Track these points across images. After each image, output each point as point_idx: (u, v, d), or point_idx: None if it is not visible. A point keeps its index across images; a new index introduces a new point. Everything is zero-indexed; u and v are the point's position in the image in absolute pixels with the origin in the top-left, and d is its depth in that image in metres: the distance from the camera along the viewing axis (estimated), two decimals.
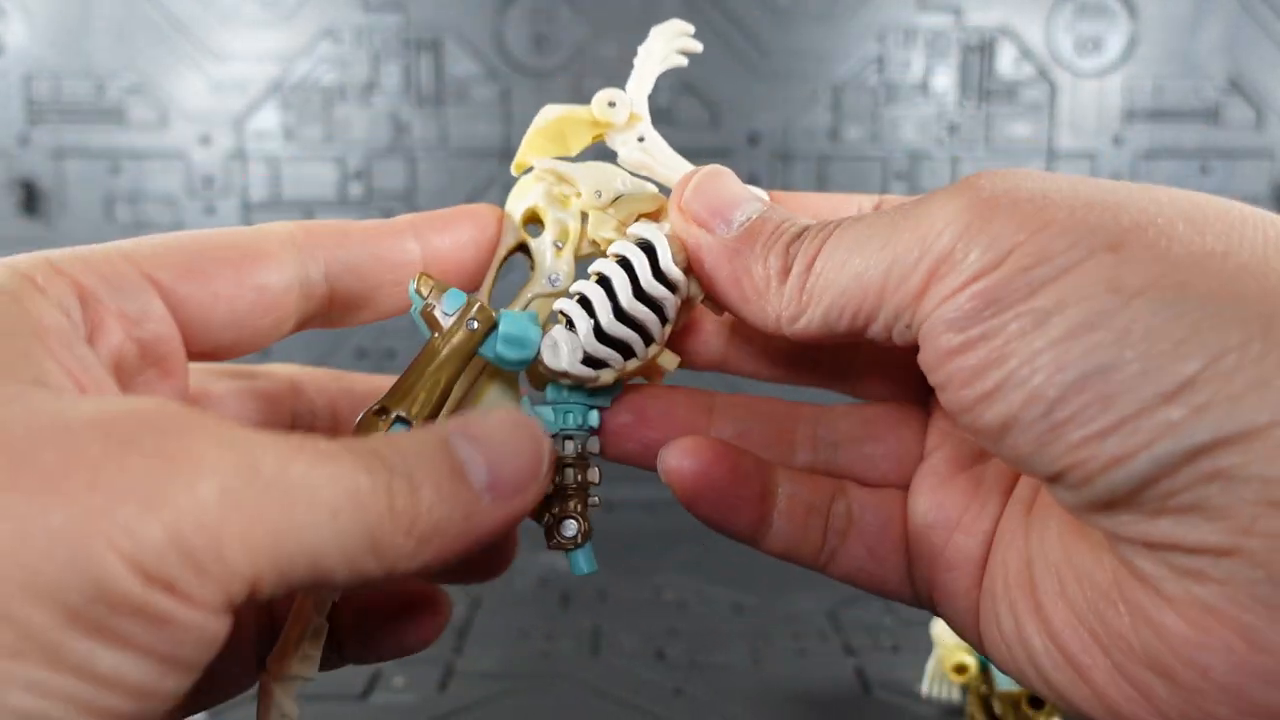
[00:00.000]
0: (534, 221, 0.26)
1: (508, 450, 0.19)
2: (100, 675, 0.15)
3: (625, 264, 0.24)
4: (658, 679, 0.49)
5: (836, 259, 0.21)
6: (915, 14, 0.75)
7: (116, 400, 0.18)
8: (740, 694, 0.47)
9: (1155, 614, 0.18)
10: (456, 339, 0.23)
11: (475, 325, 0.23)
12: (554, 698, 0.47)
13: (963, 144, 0.76)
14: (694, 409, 0.26)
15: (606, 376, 0.24)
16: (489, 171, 0.77)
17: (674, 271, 0.23)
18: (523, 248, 0.26)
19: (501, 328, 0.23)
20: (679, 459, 0.24)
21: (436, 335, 0.23)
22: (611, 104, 0.26)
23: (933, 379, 0.20)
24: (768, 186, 0.28)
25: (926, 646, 0.49)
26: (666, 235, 0.24)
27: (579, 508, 0.25)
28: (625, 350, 0.24)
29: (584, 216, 0.25)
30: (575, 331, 0.24)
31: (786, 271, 0.22)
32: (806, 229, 0.22)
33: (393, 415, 0.23)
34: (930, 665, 0.47)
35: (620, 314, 0.23)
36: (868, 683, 0.49)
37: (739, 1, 0.75)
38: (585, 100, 0.27)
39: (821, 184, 0.76)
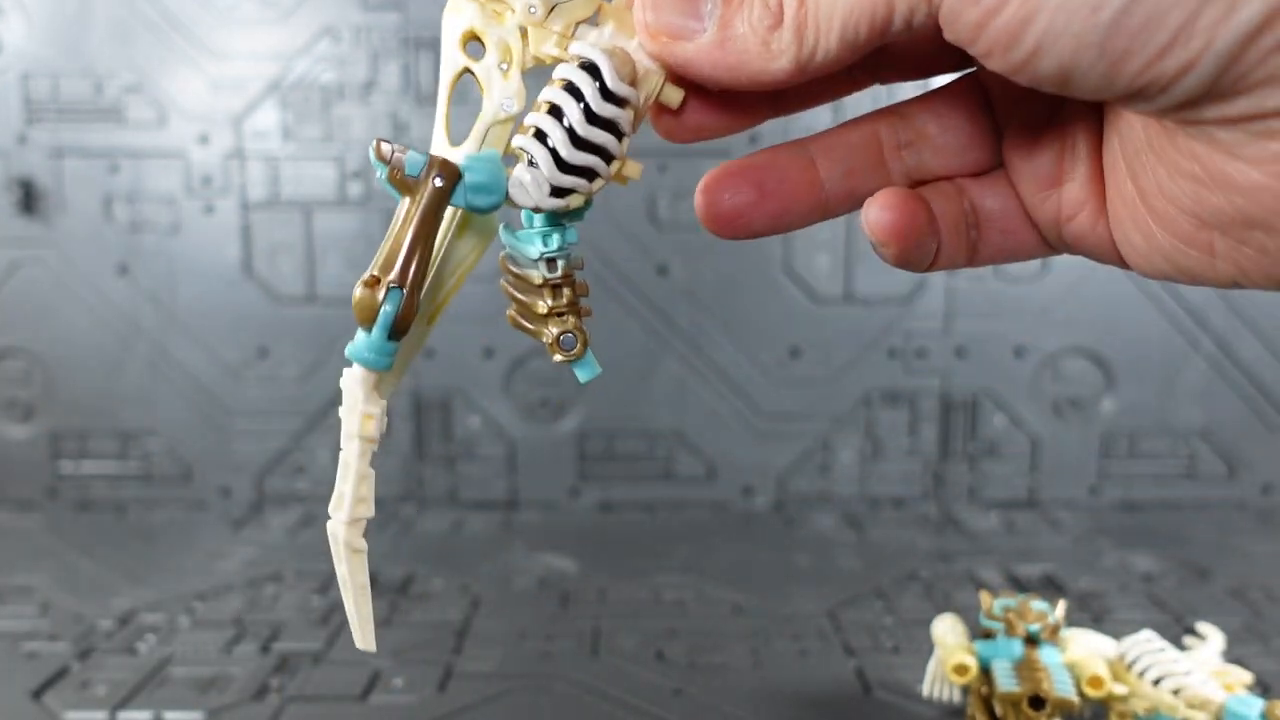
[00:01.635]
0: (473, 41, 0.26)
1: None
2: None
3: (572, 89, 0.24)
4: (657, 679, 0.49)
5: None
6: None
7: None
8: (740, 694, 0.47)
9: (1241, 178, 0.20)
10: (427, 199, 0.24)
11: (440, 182, 0.24)
12: (554, 698, 0.47)
13: None
14: (801, 166, 0.26)
15: (575, 201, 0.25)
16: None
17: (622, 88, 0.24)
18: (469, 71, 0.26)
19: (467, 178, 0.24)
20: (880, 213, 0.25)
21: (407, 199, 0.24)
22: None
23: (973, 51, 0.20)
24: None
25: (927, 647, 0.49)
26: (606, 49, 0.24)
27: (575, 322, 0.26)
28: (588, 174, 0.24)
29: (524, 33, 0.25)
30: (538, 166, 0.24)
31: (779, 22, 0.22)
32: None
33: (384, 282, 0.24)
34: (931, 666, 0.47)
35: (577, 140, 0.24)
36: (868, 683, 0.49)
37: None
38: None
39: None
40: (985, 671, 0.42)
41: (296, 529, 0.73)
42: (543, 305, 0.26)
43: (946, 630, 0.45)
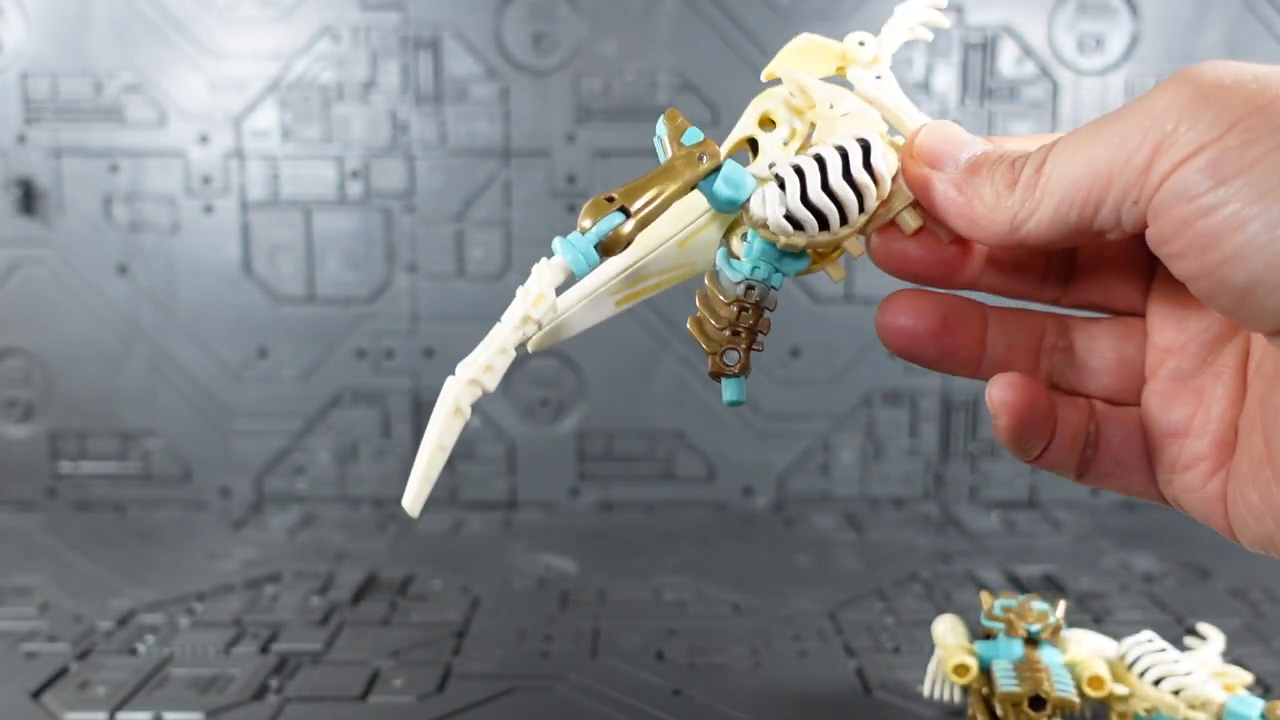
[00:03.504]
0: (766, 125, 0.28)
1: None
2: None
3: (840, 150, 0.26)
4: (657, 679, 0.49)
5: (1064, 156, 0.23)
6: None
7: None
8: (740, 694, 0.47)
9: None
10: (682, 163, 0.26)
11: (705, 160, 0.26)
12: (553, 698, 0.47)
13: None
14: (979, 321, 0.28)
15: (799, 239, 0.27)
16: (488, 170, 0.76)
17: (882, 167, 0.26)
18: (751, 143, 0.29)
19: (724, 169, 0.27)
20: (1003, 392, 0.27)
21: (670, 159, 0.26)
22: (861, 43, 0.29)
23: (1168, 250, 0.22)
24: None
25: (927, 648, 0.49)
26: (884, 139, 0.27)
27: (745, 345, 0.28)
28: (823, 220, 0.26)
29: (813, 127, 0.28)
30: (784, 190, 0.26)
31: (1014, 182, 0.24)
32: (1029, 153, 0.25)
33: (617, 203, 0.26)
34: (931, 666, 0.47)
35: (827, 186, 0.26)
36: (868, 683, 0.49)
37: (739, 1, 0.75)
38: (584, 101, 0.27)
39: None
40: (985, 672, 0.42)
41: (296, 529, 0.73)
42: (725, 318, 0.28)
43: (947, 630, 0.45)
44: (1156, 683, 0.40)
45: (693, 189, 0.27)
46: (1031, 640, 0.42)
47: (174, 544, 0.70)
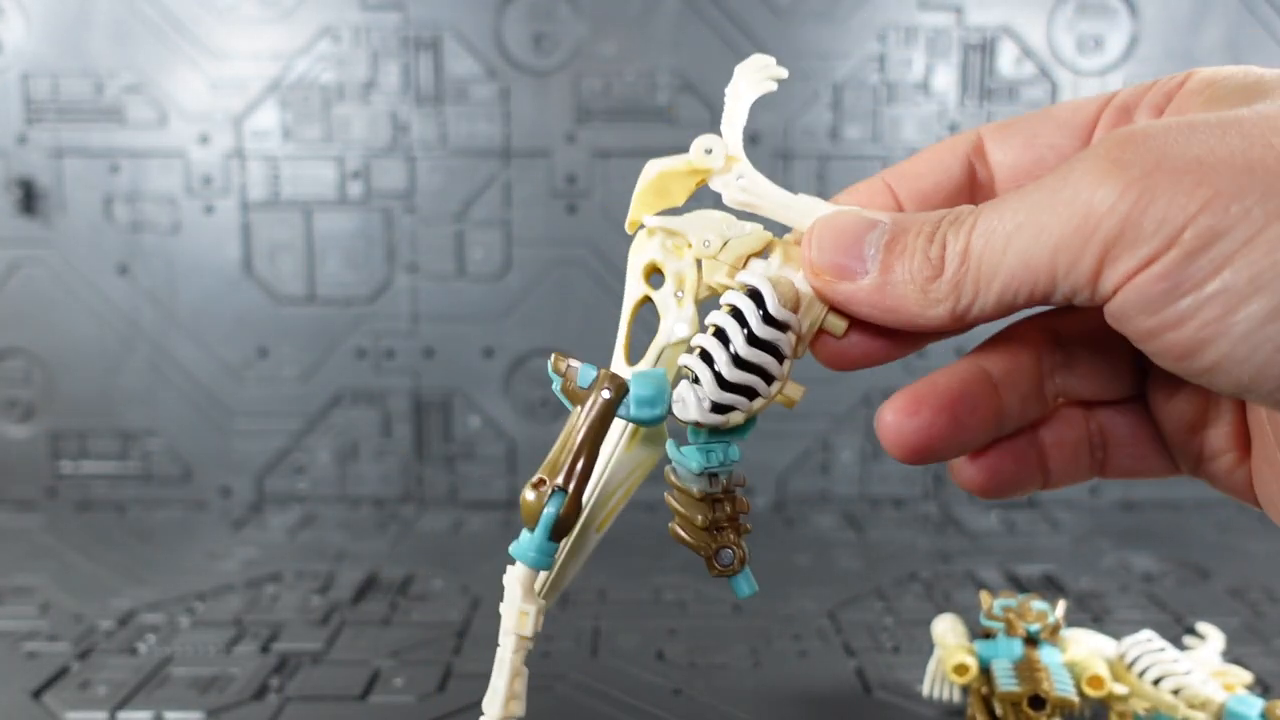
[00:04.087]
0: (655, 273, 0.28)
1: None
2: None
3: (736, 314, 0.26)
4: (657, 679, 0.49)
5: (995, 246, 0.21)
6: (916, 13, 0.75)
7: None
8: (740, 694, 0.47)
9: None
10: (595, 409, 0.26)
11: (608, 394, 0.26)
12: (554, 698, 0.47)
13: None
14: (988, 393, 0.26)
15: (736, 418, 0.26)
16: (489, 170, 0.77)
17: (783, 314, 0.25)
18: (649, 299, 0.28)
19: (633, 391, 0.26)
20: (974, 474, 0.26)
21: (578, 408, 0.26)
22: (708, 150, 0.27)
23: (1141, 348, 0.21)
24: None
25: (927, 647, 0.49)
26: (771, 279, 0.26)
27: (733, 536, 0.28)
28: (749, 393, 0.26)
29: (699, 264, 0.27)
30: (700, 384, 0.26)
31: (938, 275, 0.22)
32: (939, 224, 0.23)
33: (550, 485, 0.26)
34: (931, 666, 0.47)
35: (738, 361, 0.25)
36: (868, 683, 0.49)
37: (739, 1, 0.75)
38: (585, 101, 0.27)
39: (822, 183, 0.76)
40: (985, 671, 0.42)
41: (296, 529, 0.73)
42: (702, 519, 0.27)
43: (946, 630, 0.45)
44: (1156, 682, 0.40)
45: (611, 423, 0.26)
46: (1031, 640, 0.42)
47: (174, 544, 0.70)
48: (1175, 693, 0.40)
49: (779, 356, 0.26)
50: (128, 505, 0.78)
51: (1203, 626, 0.51)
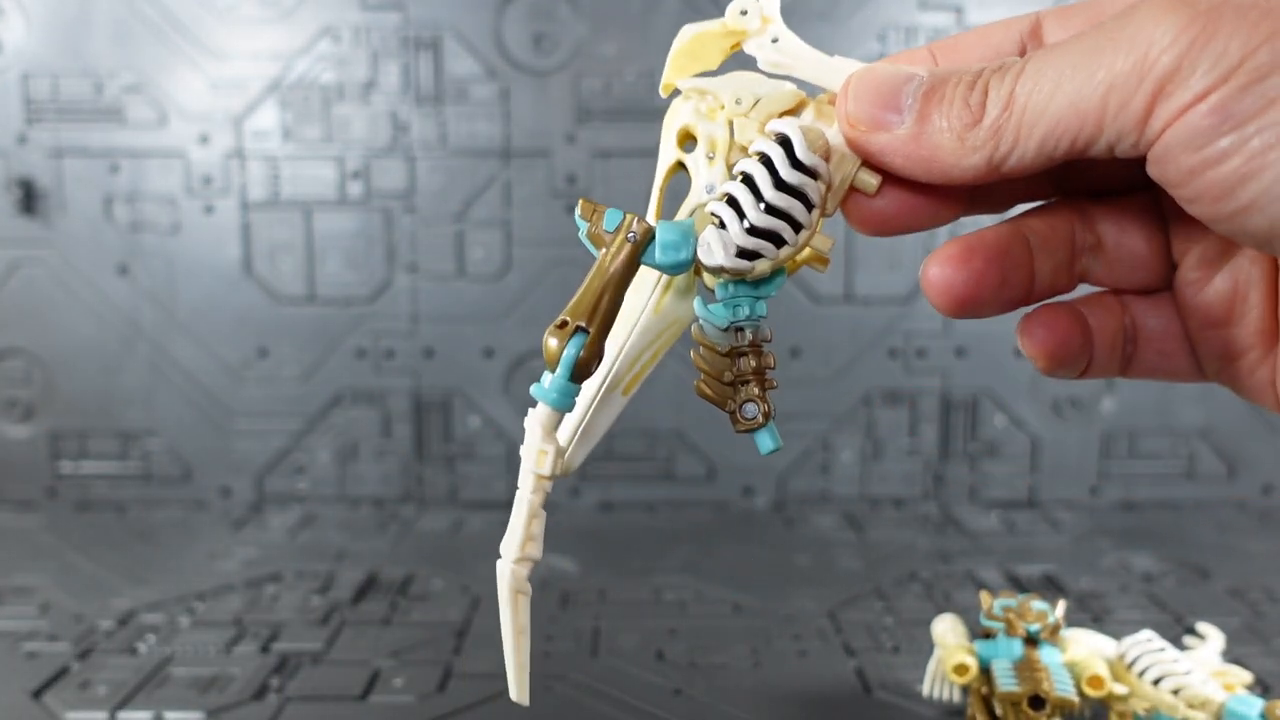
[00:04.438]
0: (689, 139, 0.27)
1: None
2: None
3: (765, 159, 0.25)
4: (657, 679, 0.49)
5: (1042, 89, 0.21)
6: (916, 13, 0.75)
7: None
8: (740, 694, 0.47)
9: None
10: (620, 251, 0.25)
11: (634, 237, 0.25)
12: (554, 698, 0.47)
13: None
14: (1027, 257, 0.26)
15: (762, 266, 0.25)
16: (489, 171, 0.77)
17: (811, 158, 0.25)
18: (682, 165, 0.27)
19: (659, 236, 0.25)
20: (1033, 339, 0.26)
21: (604, 250, 0.25)
22: (743, 12, 0.27)
23: (1176, 193, 0.20)
24: None
25: (927, 647, 0.49)
26: (802, 126, 0.25)
27: (758, 391, 0.27)
28: (776, 239, 0.25)
29: (730, 125, 0.26)
30: (726, 229, 0.25)
31: (976, 122, 0.22)
32: (981, 73, 0.22)
33: (573, 326, 0.25)
34: (931, 666, 0.47)
35: (765, 205, 0.25)
36: (868, 683, 0.49)
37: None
38: (585, 101, 0.27)
39: None
40: (985, 671, 0.42)
41: (296, 529, 0.73)
42: (728, 374, 0.27)
43: (946, 630, 0.45)
44: (1156, 682, 0.40)
45: (637, 269, 0.26)
46: (1031, 640, 0.42)
47: (174, 544, 0.70)
48: (1175, 693, 0.40)
49: (808, 204, 0.25)
50: (128, 505, 0.78)
51: (1203, 626, 0.51)
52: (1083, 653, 0.42)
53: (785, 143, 0.25)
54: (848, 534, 0.72)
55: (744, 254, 0.25)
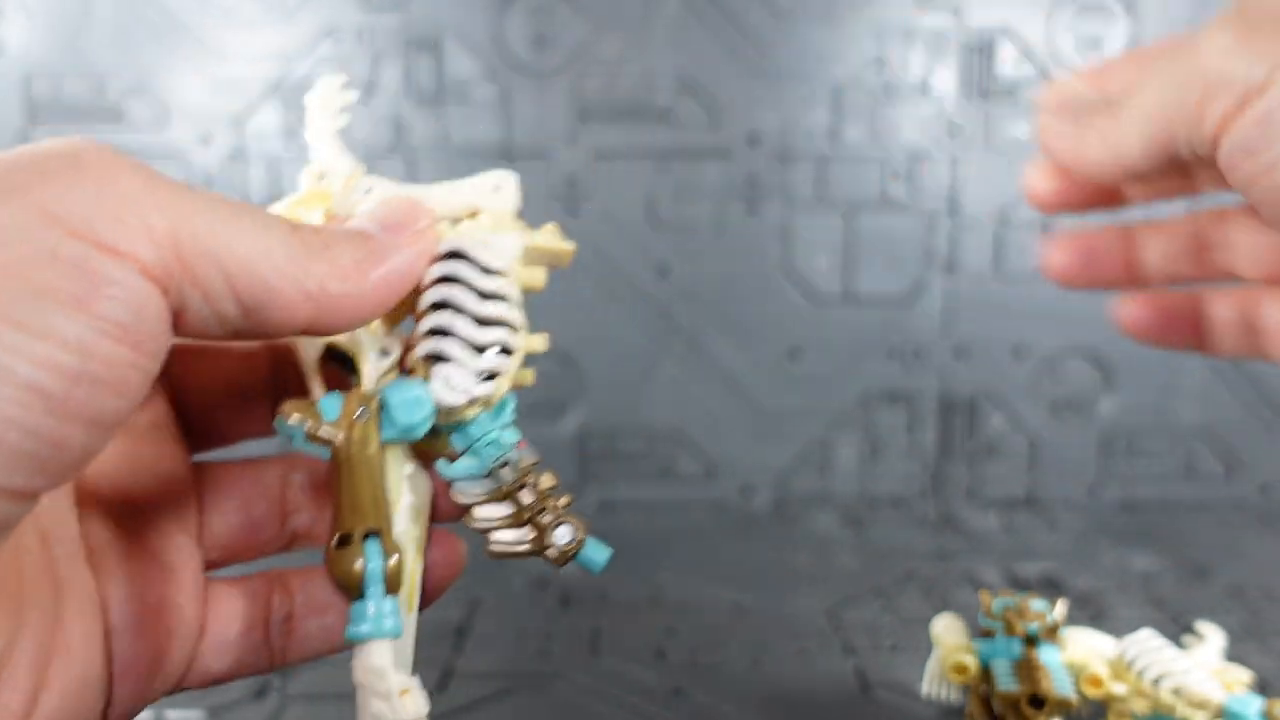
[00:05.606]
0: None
1: (389, 205, 0.22)
2: (67, 340, 0.16)
3: (450, 279, 0.23)
4: (658, 679, 0.49)
5: (1132, 101, 0.24)
6: (915, 14, 0.75)
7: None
8: (740, 694, 0.47)
9: None
10: (358, 437, 0.22)
11: (366, 413, 0.22)
12: (553, 698, 0.47)
13: (963, 144, 0.76)
14: (1122, 248, 0.30)
15: (504, 384, 0.24)
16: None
17: (492, 260, 0.23)
18: (329, 353, 0.24)
19: (391, 399, 0.22)
20: (1133, 323, 0.29)
21: (339, 448, 0.22)
22: (321, 176, 0.25)
23: (1247, 197, 0.21)
24: (767, 186, 0.28)
25: (926, 646, 0.49)
26: (459, 235, 0.24)
27: (557, 515, 0.25)
28: (505, 350, 0.23)
29: None
30: (453, 359, 0.23)
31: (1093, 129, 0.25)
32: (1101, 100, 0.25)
33: (357, 535, 0.22)
34: (930, 665, 0.47)
35: (479, 319, 0.23)
36: (867, 683, 0.49)
37: (739, 1, 0.75)
38: (585, 99, 0.27)
39: (821, 184, 0.76)
40: (985, 671, 0.42)
41: None
42: (516, 517, 0.24)
43: (945, 629, 0.46)
44: (1155, 681, 0.41)
45: (380, 451, 0.23)
46: (1030, 639, 0.42)
47: None
48: (1174, 692, 0.40)
49: (509, 302, 0.24)
50: None
51: (1202, 626, 0.51)
52: (1082, 652, 0.43)
53: (458, 255, 0.23)
54: (847, 533, 0.73)
55: (487, 377, 0.23)
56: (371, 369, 0.24)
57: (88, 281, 0.16)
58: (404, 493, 0.24)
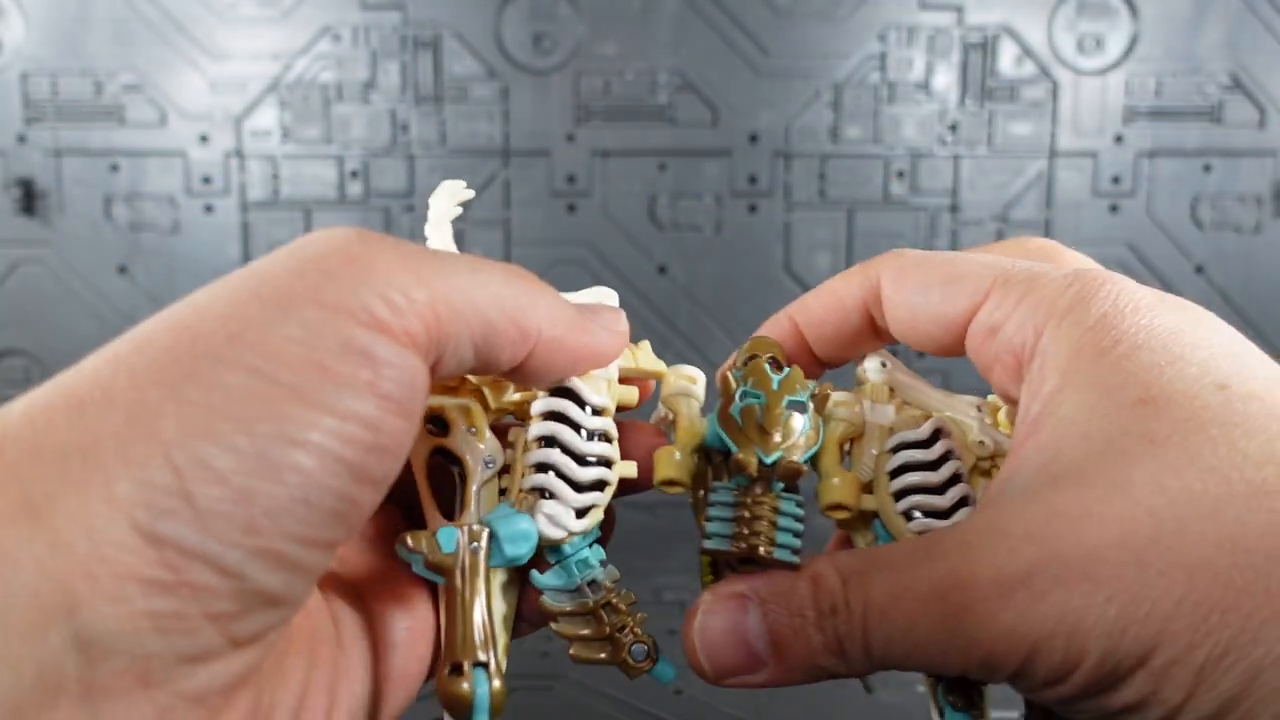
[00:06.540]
0: (434, 420, 0.26)
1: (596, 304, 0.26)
2: (365, 420, 0.19)
3: (556, 416, 0.25)
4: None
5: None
6: (916, 12, 0.75)
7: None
8: (740, 694, 0.47)
9: None
10: (469, 568, 0.24)
11: (478, 547, 0.24)
12: (553, 698, 0.47)
13: (964, 143, 0.76)
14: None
15: (598, 515, 0.26)
16: (488, 171, 0.77)
17: (599, 399, 0.26)
18: (438, 450, 0.26)
19: (500, 532, 0.24)
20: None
21: (455, 576, 0.24)
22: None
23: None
24: (768, 186, 0.28)
25: None
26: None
27: (634, 634, 0.27)
28: (601, 485, 0.26)
29: (479, 395, 0.27)
30: (555, 496, 0.25)
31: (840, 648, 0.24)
32: (823, 617, 0.24)
33: (468, 665, 0.23)
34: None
35: (580, 459, 0.25)
36: (867, 682, 0.49)
37: (739, 0, 0.75)
38: (585, 99, 0.27)
39: (822, 183, 0.76)
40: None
41: None
42: (595, 631, 0.26)
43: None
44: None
45: (492, 576, 0.25)
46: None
47: None
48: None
49: (610, 440, 0.26)
50: None
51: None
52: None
53: (568, 393, 0.25)
54: None
55: (580, 513, 0.25)
56: (476, 474, 0.26)
57: (373, 367, 0.19)
58: (498, 603, 0.26)
